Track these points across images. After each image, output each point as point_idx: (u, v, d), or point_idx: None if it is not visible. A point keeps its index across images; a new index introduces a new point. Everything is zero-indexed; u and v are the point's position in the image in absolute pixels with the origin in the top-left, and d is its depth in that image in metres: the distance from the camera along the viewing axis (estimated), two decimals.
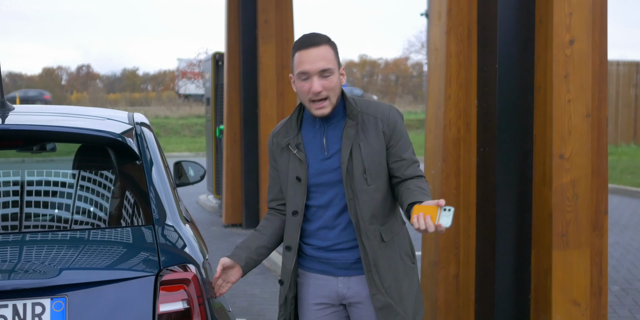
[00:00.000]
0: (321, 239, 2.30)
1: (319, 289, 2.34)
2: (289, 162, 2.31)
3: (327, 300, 2.35)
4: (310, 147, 2.29)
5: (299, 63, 2.20)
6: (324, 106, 2.21)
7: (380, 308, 2.26)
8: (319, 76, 2.18)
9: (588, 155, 3.28)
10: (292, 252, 2.34)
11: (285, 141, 2.30)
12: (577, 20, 3.19)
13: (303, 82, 2.20)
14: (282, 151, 2.32)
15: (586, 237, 3.31)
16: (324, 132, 2.29)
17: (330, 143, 2.27)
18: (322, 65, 2.18)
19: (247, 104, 8.03)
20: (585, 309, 3.29)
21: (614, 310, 4.83)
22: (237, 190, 8.19)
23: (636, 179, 11.78)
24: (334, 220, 2.29)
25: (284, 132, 2.32)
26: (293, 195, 2.31)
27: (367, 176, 2.23)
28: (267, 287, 5.50)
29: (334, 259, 2.31)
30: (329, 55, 2.21)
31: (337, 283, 2.32)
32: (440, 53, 3.44)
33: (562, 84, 3.20)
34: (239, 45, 8.02)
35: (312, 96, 2.18)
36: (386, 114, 2.28)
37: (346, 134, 2.24)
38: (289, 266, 2.35)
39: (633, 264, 6.24)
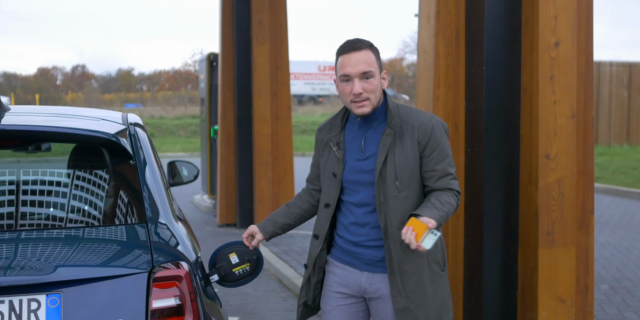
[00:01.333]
0: (352, 234, 2.42)
1: (344, 279, 2.45)
2: (328, 157, 2.44)
3: (349, 290, 2.45)
4: (350, 146, 2.41)
5: (341, 66, 2.32)
6: (364, 105, 2.31)
7: (400, 310, 2.35)
8: (359, 78, 2.30)
9: (573, 155, 3.33)
10: (319, 241, 2.48)
11: (327, 137, 2.46)
12: (562, 22, 3.24)
13: (345, 84, 2.32)
14: (325, 146, 2.47)
15: (572, 235, 3.37)
16: (363, 134, 2.40)
17: (368, 145, 2.38)
18: (363, 68, 2.29)
19: (241, 105, 8.07)
20: (570, 306, 3.35)
21: (603, 308, 4.88)
22: (232, 190, 8.23)
23: (628, 179, 11.84)
24: (365, 218, 2.39)
25: (327, 128, 2.48)
26: (328, 189, 2.45)
27: (398, 183, 2.32)
28: (260, 286, 5.54)
29: (361, 254, 2.41)
30: (370, 59, 2.32)
31: (362, 277, 2.42)
32: (429, 55, 3.49)
33: (547, 86, 3.26)
34: (233, 46, 8.06)
35: (353, 97, 2.31)
36: (425, 124, 2.35)
37: (383, 141, 2.34)
38: (315, 252, 2.49)
39: (622, 263, 6.30)
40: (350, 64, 2.29)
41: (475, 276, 3.56)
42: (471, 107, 3.49)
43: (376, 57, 2.34)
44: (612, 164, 13.57)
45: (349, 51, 2.30)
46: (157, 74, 52.45)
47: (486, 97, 3.38)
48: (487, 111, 3.40)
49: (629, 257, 6.53)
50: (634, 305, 4.98)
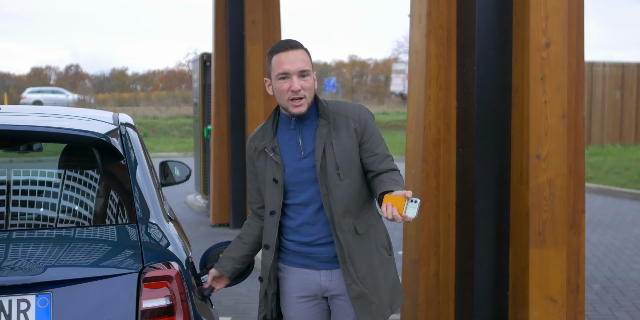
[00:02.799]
0: (303, 235, 2.40)
1: (302, 282, 2.44)
2: (266, 165, 2.42)
3: (310, 293, 2.45)
4: (287, 148, 2.41)
5: (278, 64, 2.33)
6: (301, 104, 2.33)
7: (355, 297, 2.36)
8: (298, 76, 2.31)
9: (564, 156, 3.35)
10: (270, 250, 2.45)
11: (261, 145, 2.42)
12: (553, 23, 3.25)
13: (282, 82, 2.33)
14: (259, 155, 2.44)
15: (563, 235, 3.38)
16: (299, 133, 2.41)
17: (306, 143, 2.39)
18: (301, 66, 2.32)
19: (235, 105, 8.06)
20: (561, 305, 3.36)
21: (594, 308, 4.90)
22: (225, 191, 8.22)
23: (621, 179, 11.88)
24: (315, 216, 2.39)
25: (260, 136, 2.45)
26: (271, 196, 2.42)
27: (339, 172, 2.34)
28: (253, 286, 5.53)
29: (316, 253, 2.41)
30: (306, 58, 2.36)
31: (320, 276, 2.42)
32: (420, 55, 3.50)
33: (538, 86, 3.27)
34: (227, 46, 8.06)
35: (292, 95, 2.31)
36: (357, 113, 2.40)
37: (319, 133, 2.36)
38: (268, 263, 2.47)
39: (614, 262, 6.33)
40: (289, 62, 2.31)
41: (466, 276, 3.57)
42: (462, 107, 3.50)
43: (310, 57, 2.39)
44: (605, 164, 13.61)
45: (286, 49, 2.33)
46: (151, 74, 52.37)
47: (477, 98, 3.39)
48: (478, 111, 3.41)
49: (620, 257, 6.55)
50: (625, 304, 5.00)
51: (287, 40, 2.38)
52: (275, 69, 2.34)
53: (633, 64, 17.94)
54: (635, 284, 5.55)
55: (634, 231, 7.86)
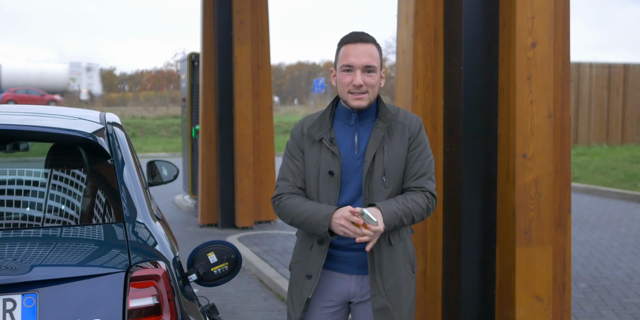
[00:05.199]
0: (340, 237, 2.29)
1: (332, 286, 2.37)
2: (320, 155, 2.31)
3: (337, 297, 2.38)
4: (342, 143, 2.32)
5: (344, 55, 2.25)
6: (362, 98, 2.25)
7: (379, 309, 2.31)
8: (362, 71, 2.23)
9: (550, 155, 3.37)
10: (324, 246, 2.33)
11: (319, 135, 2.31)
12: (539, 23, 3.28)
13: (345, 74, 2.25)
14: (313, 144, 2.33)
15: (549, 234, 3.40)
16: (355, 131, 2.32)
17: (361, 142, 2.31)
18: (367, 61, 2.23)
19: (223, 105, 8.06)
20: (547, 304, 3.39)
21: (581, 306, 4.94)
22: (213, 191, 8.22)
23: (607, 179, 11.98)
24: None
25: (317, 125, 2.33)
26: (325, 190, 2.31)
27: (385, 178, 2.28)
28: (241, 286, 5.54)
29: (350, 258, 2.34)
30: (375, 53, 2.26)
31: (351, 281, 2.36)
32: (407, 55, 3.51)
33: (524, 86, 3.29)
34: (215, 46, 8.06)
35: (353, 88, 2.24)
36: (414, 123, 2.35)
37: (374, 135, 2.29)
38: (321, 260, 2.33)
39: (601, 261, 6.38)
40: (355, 55, 2.23)
41: (453, 275, 3.58)
42: (449, 107, 3.52)
43: (380, 54, 2.29)
44: (592, 164, 13.72)
45: (355, 42, 2.24)
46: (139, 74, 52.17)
47: (464, 97, 3.41)
48: (465, 111, 3.43)
49: (607, 256, 6.61)
50: (611, 303, 5.05)
51: (358, 33, 2.28)
52: (341, 59, 2.26)
53: (619, 65, 18.07)
54: (621, 283, 5.60)
55: (620, 230, 7.93)
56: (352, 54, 2.23)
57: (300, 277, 2.38)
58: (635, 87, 18.02)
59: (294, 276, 2.43)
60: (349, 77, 2.25)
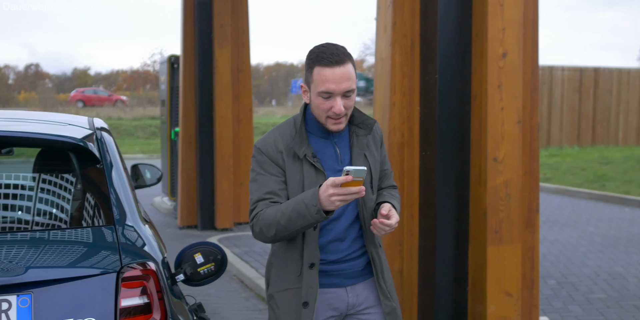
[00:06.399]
0: (332, 253, 2.22)
1: (328, 303, 2.25)
2: (302, 172, 2.16)
3: (336, 312, 2.28)
4: (323, 157, 2.20)
5: (322, 81, 2.07)
6: (341, 121, 2.14)
7: (389, 313, 2.28)
8: (342, 96, 2.09)
9: (519, 158, 3.53)
10: (314, 269, 2.19)
11: (302, 151, 2.15)
12: (509, 34, 3.43)
13: (324, 100, 2.10)
14: (294, 160, 2.17)
15: (518, 233, 3.56)
16: (333, 142, 2.22)
17: (343, 154, 2.22)
18: (347, 86, 2.08)
19: (203, 107, 8.11)
20: (517, 299, 3.55)
21: (550, 302, 5.12)
22: (193, 193, 8.26)
23: (577, 180, 12.23)
24: (345, 232, 2.22)
25: (298, 141, 2.16)
26: None
27: (372, 185, 2.24)
28: (222, 286, 5.62)
29: (345, 269, 2.24)
30: (353, 74, 2.11)
31: (347, 293, 2.26)
32: (385, 63, 3.65)
33: (496, 93, 3.44)
34: (195, 49, 8.10)
35: (333, 115, 2.11)
36: (378, 127, 2.32)
37: (358, 143, 2.21)
38: (316, 284, 2.19)
39: (569, 259, 6.58)
40: (335, 81, 2.06)
41: (429, 273, 3.72)
42: (425, 113, 3.66)
43: (355, 69, 2.13)
44: (563, 165, 13.97)
45: (332, 65, 2.06)
46: (114, 74, 51.66)
47: (439, 104, 3.54)
48: (440, 117, 3.56)
49: (575, 254, 6.81)
50: (578, 299, 5.24)
51: (333, 51, 2.07)
52: (318, 84, 2.08)
53: (590, 68, 18.43)
54: (588, 280, 5.80)
55: (588, 229, 8.15)
56: (330, 80, 2.06)
57: (293, 305, 2.21)
58: (605, 90, 18.39)
59: (282, 306, 2.25)
60: (328, 104, 2.10)
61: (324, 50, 2.08)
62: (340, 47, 2.11)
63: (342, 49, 2.11)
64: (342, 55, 2.08)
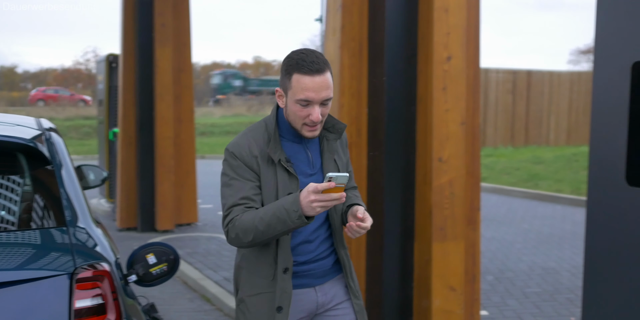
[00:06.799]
0: (301, 254, 2.23)
1: (298, 304, 2.26)
2: (276, 176, 2.16)
3: (306, 313, 2.29)
4: (296, 162, 2.21)
5: (301, 89, 2.07)
6: (317, 129, 2.16)
7: (358, 311, 2.33)
8: (319, 104, 2.10)
9: (463, 158, 3.66)
10: (288, 274, 2.19)
11: (277, 156, 2.14)
12: (454, 39, 3.56)
13: (301, 108, 2.10)
14: (268, 165, 2.16)
15: (461, 230, 3.70)
16: (305, 147, 2.24)
17: (315, 158, 2.24)
18: (326, 95, 2.09)
19: (143, 107, 8.01)
20: (460, 294, 3.68)
21: (488, 297, 5.31)
22: (132, 194, 8.14)
23: (512, 179, 12.63)
24: (313, 233, 2.24)
25: (273, 146, 2.16)
26: None
27: None
28: (166, 288, 5.58)
29: (313, 269, 2.26)
30: (331, 82, 2.12)
31: (316, 293, 2.28)
32: (334, 65, 3.71)
33: (441, 96, 3.57)
34: (135, 48, 8.00)
35: (309, 122, 2.12)
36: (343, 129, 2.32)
37: (329, 147, 2.24)
38: (289, 289, 2.19)
39: (506, 255, 6.83)
40: (314, 89, 2.06)
41: (376, 270, 3.81)
42: (373, 114, 3.74)
43: (332, 75, 2.14)
44: (498, 164, 14.39)
45: (312, 73, 2.05)
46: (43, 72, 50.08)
47: (386, 106, 3.64)
48: (387, 118, 3.65)
49: (511, 251, 7.07)
50: (515, 293, 5.46)
51: (314, 60, 2.07)
52: (296, 92, 2.08)
53: (523, 71, 19.08)
54: (524, 275, 6.04)
55: (523, 226, 8.46)
56: (310, 88, 2.06)
57: (265, 310, 2.21)
58: (537, 92, 19.07)
59: (254, 310, 2.24)
60: (305, 111, 2.10)
61: (303, 57, 2.08)
62: (319, 55, 2.11)
63: (322, 57, 2.11)
64: (322, 63, 2.09)
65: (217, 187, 9.69)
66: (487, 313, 4.90)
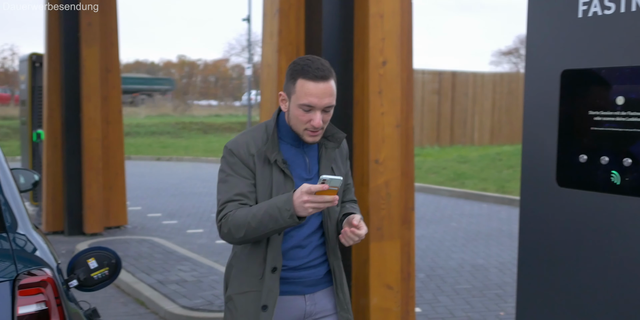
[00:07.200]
0: (292, 259, 2.24)
1: (286, 311, 2.26)
2: (271, 177, 2.19)
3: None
4: (293, 165, 2.23)
5: (305, 94, 2.11)
6: (317, 134, 2.18)
7: None
8: (322, 111, 2.14)
9: (398, 160, 3.78)
10: (276, 273, 2.21)
11: (273, 156, 2.17)
12: (388, 44, 3.67)
13: (303, 112, 2.13)
14: (264, 166, 2.19)
15: (397, 230, 3.81)
16: (304, 151, 2.26)
17: (312, 164, 2.26)
18: (329, 102, 2.13)
19: (69, 108, 7.83)
20: (397, 291, 3.80)
21: (420, 294, 5.47)
22: (59, 197, 7.95)
23: (439, 178, 12.98)
24: (306, 239, 2.25)
25: (271, 146, 2.19)
26: None
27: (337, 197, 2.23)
28: (98, 292, 5.47)
29: (304, 277, 2.27)
30: (335, 90, 2.16)
31: (305, 301, 2.28)
32: (272, 69, 3.76)
33: (376, 99, 3.67)
34: (61, 48, 7.80)
35: (311, 128, 2.15)
36: (344, 141, 2.37)
37: (326, 155, 2.26)
38: (276, 288, 2.21)
39: (436, 253, 7.04)
40: (318, 95, 2.10)
41: None
42: None
43: (336, 83, 2.18)
44: (425, 164, 14.75)
45: (316, 79, 2.10)
46: None
47: None
48: None
49: (441, 248, 7.29)
50: (446, 290, 5.65)
51: (319, 67, 2.12)
52: (300, 97, 2.12)
53: (448, 72, 19.64)
54: (454, 272, 6.25)
55: (452, 225, 8.74)
56: (313, 94, 2.10)
57: (252, 308, 2.23)
58: (461, 92, 19.67)
59: (241, 308, 2.25)
60: (307, 116, 2.14)
61: (309, 64, 2.12)
62: (325, 62, 2.16)
63: (327, 65, 2.16)
64: (327, 71, 2.13)
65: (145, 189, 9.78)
66: (421, 310, 5.06)
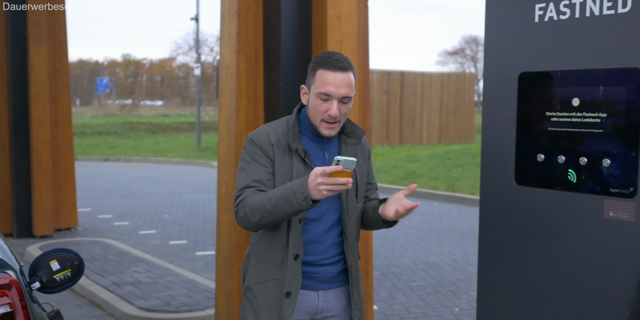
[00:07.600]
0: (308, 253, 2.24)
1: (303, 304, 2.27)
2: (291, 165, 2.21)
3: (305, 315, 2.29)
4: (312, 157, 2.25)
5: (322, 82, 2.15)
6: (334, 127, 2.20)
7: None
8: (339, 101, 2.16)
9: None
10: (298, 261, 2.22)
11: (295, 145, 2.20)
12: (346, 46, 3.74)
13: (321, 102, 2.17)
14: (284, 155, 2.22)
15: None
16: (323, 146, 2.27)
17: (331, 159, 2.26)
18: (346, 92, 2.16)
19: (17, 109, 7.70)
20: None
21: (376, 291, 5.57)
22: (7, 199, 7.81)
23: (390, 177, 13.17)
24: (323, 235, 2.25)
25: (292, 136, 2.22)
26: None
27: (358, 194, 2.29)
28: (52, 295, 5.40)
29: (319, 273, 2.27)
30: (353, 82, 2.19)
31: (318, 297, 2.28)
32: (231, 70, 3.79)
33: None
34: (7, 48, 7.65)
35: (327, 118, 2.17)
36: (366, 139, 2.40)
37: (347, 151, 2.26)
38: (299, 276, 2.22)
39: (390, 251, 7.16)
40: (335, 84, 2.14)
41: None
42: (269, 118, 3.85)
43: (355, 79, 2.22)
44: (375, 163, 14.92)
45: (335, 69, 2.15)
46: None
47: (283, 109, 3.75)
48: None
49: (394, 246, 7.42)
50: (401, 287, 5.76)
51: (339, 59, 2.17)
52: (319, 86, 2.16)
53: (396, 72, 19.90)
54: (408, 270, 6.37)
55: (404, 223, 8.87)
56: (331, 83, 2.14)
57: (273, 296, 2.23)
58: (410, 92, 19.97)
59: (261, 297, 2.25)
60: (325, 106, 2.17)
61: (330, 56, 2.18)
62: (346, 57, 2.21)
63: (348, 59, 2.21)
64: (347, 63, 2.18)
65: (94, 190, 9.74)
66: (377, 307, 5.15)
